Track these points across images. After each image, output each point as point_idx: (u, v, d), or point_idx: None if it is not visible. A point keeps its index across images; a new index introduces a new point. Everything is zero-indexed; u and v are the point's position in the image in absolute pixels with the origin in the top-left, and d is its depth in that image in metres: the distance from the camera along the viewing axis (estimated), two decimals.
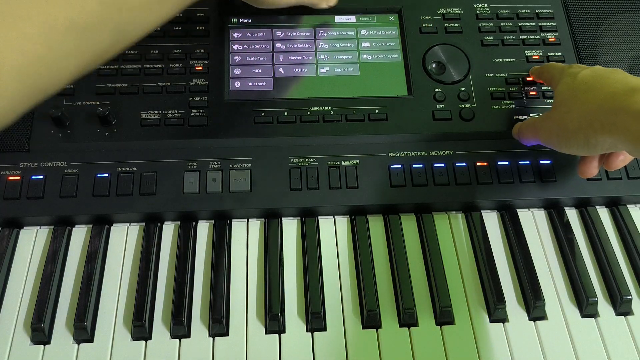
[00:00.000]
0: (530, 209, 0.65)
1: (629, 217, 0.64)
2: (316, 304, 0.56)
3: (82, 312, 0.55)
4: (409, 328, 0.56)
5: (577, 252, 0.61)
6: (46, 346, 0.54)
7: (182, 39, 0.69)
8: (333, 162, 0.63)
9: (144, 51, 0.68)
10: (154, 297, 0.57)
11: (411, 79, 0.68)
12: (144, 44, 0.68)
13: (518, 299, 0.59)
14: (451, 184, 0.63)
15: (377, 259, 0.60)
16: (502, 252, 0.62)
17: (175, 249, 0.60)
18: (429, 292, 0.58)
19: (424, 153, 0.64)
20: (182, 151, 0.63)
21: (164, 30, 0.69)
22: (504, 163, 0.64)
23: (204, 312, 0.57)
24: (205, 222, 0.62)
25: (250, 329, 0.56)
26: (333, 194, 0.62)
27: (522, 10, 0.73)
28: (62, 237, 0.60)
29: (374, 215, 0.63)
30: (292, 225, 0.62)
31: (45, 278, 0.57)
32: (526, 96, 0.68)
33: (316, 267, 0.59)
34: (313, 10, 0.71)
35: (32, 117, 0.64)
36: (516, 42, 0.71)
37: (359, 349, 0.55)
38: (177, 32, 0.69)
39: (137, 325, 0.54)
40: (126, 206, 0.60)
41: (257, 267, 0.60)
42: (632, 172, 0.64)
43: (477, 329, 0.56)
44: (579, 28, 0.73)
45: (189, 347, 0.54)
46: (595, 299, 0.57)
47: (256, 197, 0.61)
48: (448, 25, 0.72)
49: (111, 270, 0.59)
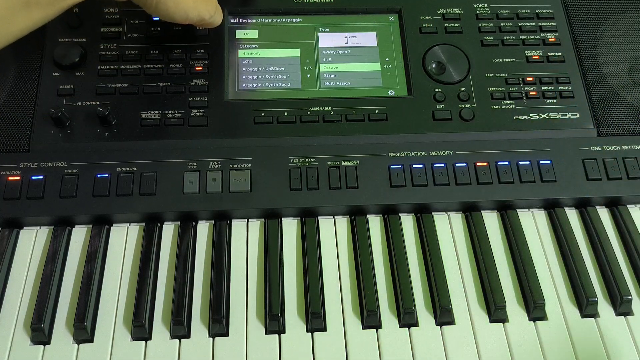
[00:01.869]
0: (530, 209, 0.65)
1: (629, 217, 0.64)
2: (316, 304, 0.56)
3: (82, 312, 0.54)
4: (409, 328, 0.56)
5: (577, 252, 0.61)
6: (46, 346, 0.54)
7: (182, 39, 0.69)
8: (333, 162, 0.63)
9: (144, 51, 0.68)
10: (154, 297, 0.57)
11: (411, 79, 0.68)
12: (144, 44, 0.68)
13: (518, 299, 0.58)
14: (451, 184, 0.63)
15: (377, 259, 0.60)
16: (502, 252, 0.62)
17: (175, 249, 0.60)
18: (429, 292, 0.58)
19: (424, 153, 0.64)
20: (182, 151, 0.63)
21: (164, 30, 0.69)
22: (504, 163, 0.64)
23: (204, 312, 0.57)
24: (205, 222, 0.62)
25: (250, 329, 0.56)
26: (333, 194, 0.62)
27: (522, 10, 0.73)
28: (62, 237, 0.60)
29: (374, 215, 0.63)
30: (292, 226, 0.62)
31: (45, 278, 0.57)
32: (526, 96, 0.68)
33: (316, 267, 0.59)
34: (312, 10, 0.71)
35: (32, 117, 0.64)
36: (516, 42, 0.71)
37: (359, 349, 0.55)
38: (177, 32, 0.69)
39: (137, 325, 0.54)
40: (126, 206, 0.60)
41: (257, 267, 0.60)
42: (632, 172, 0.64)
43: (477, 329, 0.56)
44: (579, 28, 0.73)
45: (189, 347, 0.54)
46: (595, 299, 0.57)
47: (256, 197, 0.61)
48: (448, 25, 0.72)
49: (111, 270, 0.59)
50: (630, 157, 0.65)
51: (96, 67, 0.67)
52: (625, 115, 0.68)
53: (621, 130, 0.67)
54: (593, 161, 0.65)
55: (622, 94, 0.69)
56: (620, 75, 0.70)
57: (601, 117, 0.68)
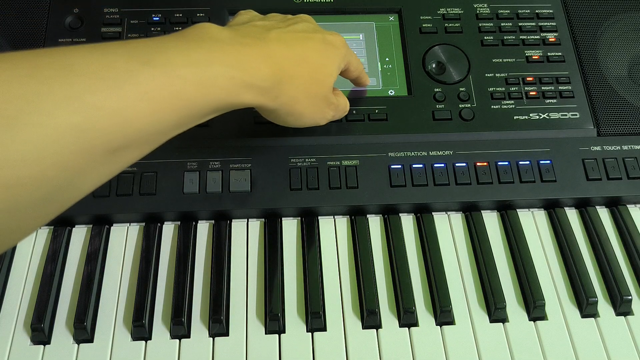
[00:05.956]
0: (530, 209, 0.65)
1: (629, 217, 0.64)
2: (316, 304, 0.56)
3: (82, 312, 0.54)
4: (409, 328, 0.56)
5: (577, 252, 0.61)
6: (46, 346, 0.54)
7: None
8: (333, 162, 0.63)
9: None
10: (154, 297, 0.57)
11: (411, 79, 0.68)
12: None
13: (518, 299, 0.59)
14: (451, 184, 0.63)
15: (377, 259, 0.60)
16: (502, 252, 0.62)
17: (175, 249, 0.60)
18: (429, 292, 0.58)
19: (424, 153, 0.64)
20: (182, 151, 0.63)
21: (164, 31, 0.69)
22: (504, 163, 0.64)
23: (204, 312, 0.57)
24: (205, 222, 0.62)
25: (250, 329, 0.56)
26: (333, 194, 0.62)
27: (522, 10, 0.73)
28: (62, 237, 0.60)
29: (374, 215, 0.63)
30: (292, 225, 0.62)
31: (45, 278, 0.57)
32: (526, 96, 0.68)
33: (316, 267, 0.59)
34: (312, 10, 0.71)
35: None
36: (516, 42, 0.71)
37: (359, 349, 0.55)
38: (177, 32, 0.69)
39: (137, 325, 0.54)
40: (126, 206, 0.60)
41: (257, 267, 0.60)
42: (632, 172, 0.64)
43: (477, 329, 0.56)
44: (579, 28, 0.73)
45: (189, 347, 0.54)
46: (595, 299, 0.57)
47: (256, 197, 0.61)
48: (448, 25, 0.72)
49: (111, 270, 0.59)
50: (630, 157, 0.65)
51: None
52: (625, 115, 0.68)
53: (621, 130, 0.67)
54: (593, 161, 0.65)
55: (622, 94, 0.69)
56: (620, 75, 0.70)
57: (601, 117, 0.68)
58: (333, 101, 0.58)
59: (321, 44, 0.54)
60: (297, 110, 0.53)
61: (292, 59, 0.50)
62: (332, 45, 0.55)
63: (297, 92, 0.51)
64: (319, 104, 0.55)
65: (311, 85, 0.52)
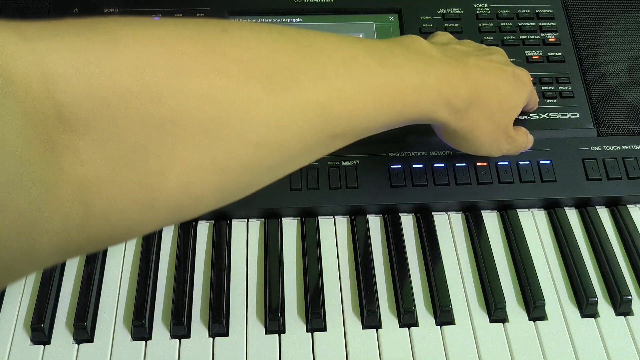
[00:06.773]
0: (530, 209, 0.65)
1: (629, 217, 0.64)
2: (316, 304, 0.56)
3: (82, 312, 0.54)
4: (409, 328, 0.56)
5: (577, 252, 0.61)
6: (46, 346, 0.54)
7: None
8: (333, 162, 0.63)
9: None
10: (154, 297, 0.57)
11: None
12: None
13: (518, 299, 0.59)
14: (451, 184, 0.63)
15: (377, 259, 0.60)
16: (502, 252, 0.62)
17: (175, 249, 0.60)
18: (429, 292, 0.58)
19: (424, 153, 0.64)
20: None
21: None
22: (504, 163, 0.64)
23: (204, 312, 0.57)
24: (205, 222, 0.62)
25: (250, 329, 0.56)
26: (333, 194, 0.62)
27: (522, 10, 0.73)
28: None
29: (374, 215, 0.63)
30: (292, 225, 0.62)
31: (45, 278, 0.57)
32: None
33: (316, 267, 0.59)
34: (312, 10, 0.71)
35: None
36: (516, 42, 0.71)
37: (359, 349, 0.55)
38: None
39: (137, 325, 0.54)
40: None
41: (257, 267, 0.60)
42: (632, 172, 0.64)
43: (477, 329, 0.56)
44: (579, 28, 0.73)
45: (189, 347, 0.54)
46: (595, 299, 0.57)
47: (256, 197, 0.61)
48: (448, 25, 0.72)
49: (111, 270, 0.59)
50: (630, 157, 0.65)
51: None
52: (625, 115, 0.68)
53: (621, 130, 0.67)
54: (593, 161, 0.65)
55: (622, 94, 0.69)
56: (620, 75, 0.70)
57: (601, 117, 0.68)
58: (512, 134, 0.58)
59: (512, 77, 0.55)
60: (475, 135, 0.53)
61: (486, 85, 0.52)
62: (521, 80, 0.57)
63: (481, 117, 0.52)
64: (498, 134, 0.56)
65: (496, 114, 0.53)
